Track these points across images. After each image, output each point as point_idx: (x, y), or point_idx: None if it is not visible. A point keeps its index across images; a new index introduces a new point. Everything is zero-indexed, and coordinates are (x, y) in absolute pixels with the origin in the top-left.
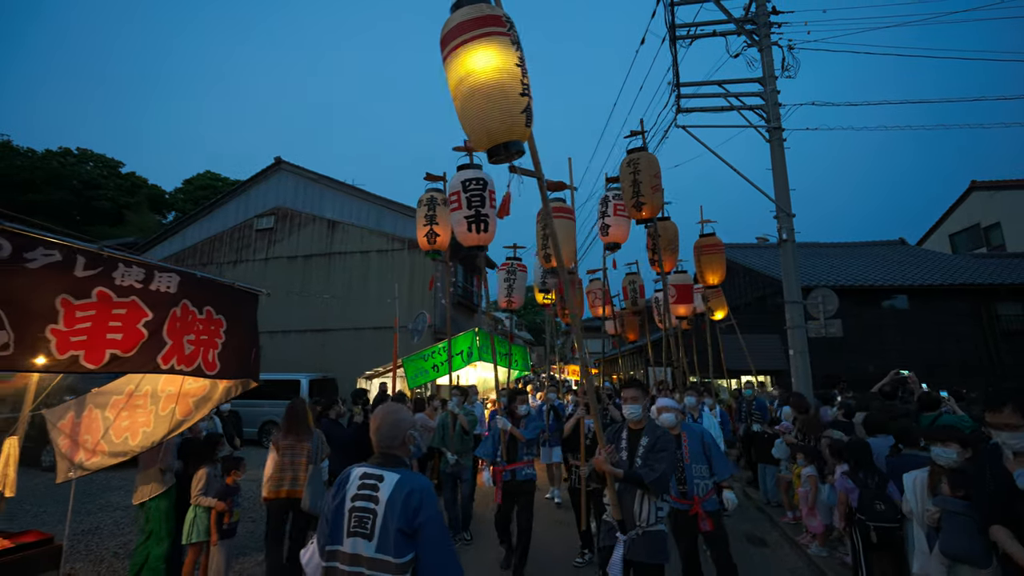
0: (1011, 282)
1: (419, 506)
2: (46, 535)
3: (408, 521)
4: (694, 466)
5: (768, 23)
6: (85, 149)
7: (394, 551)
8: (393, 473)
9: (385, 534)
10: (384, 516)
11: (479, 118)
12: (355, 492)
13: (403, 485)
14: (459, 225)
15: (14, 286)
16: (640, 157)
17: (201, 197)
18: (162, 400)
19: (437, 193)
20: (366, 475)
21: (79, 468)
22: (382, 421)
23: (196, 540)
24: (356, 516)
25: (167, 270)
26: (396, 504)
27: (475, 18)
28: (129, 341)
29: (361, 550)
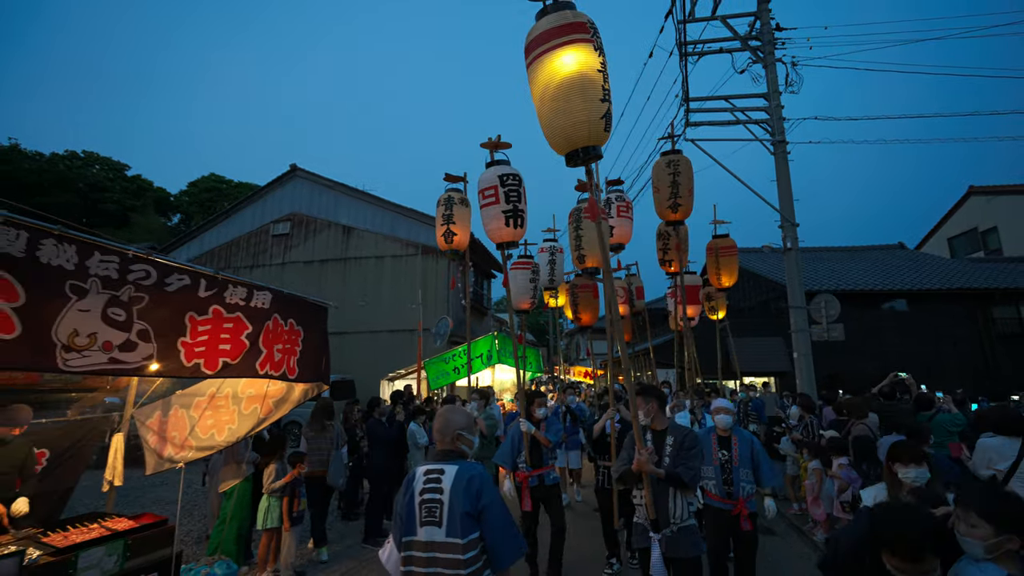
0: (1006, 286)
1: (480, 489)
2: (161, 517)
3: (472, 504)
4: (741, 469)
5: (772, 41)
6: (91, 152)
7: (460, 533)
8: (452, 465)
9: (452, 519)
10: (450, 503)
11: (561, 122)
12: (422, 487)
13: (462, 474)
14: (495, 220)
15: (157, 306)
16: (679, 159)
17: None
18: (244, 401)
19: (455, 193)
20: (429, 471)
21: (168, 461)
22: (439, 421)
23: (269, 526)
24: (426, 507)
25: (262, 288)
26: (459, 491)
27: (560, 25)
28: (236, 350)
29: (434, 536)
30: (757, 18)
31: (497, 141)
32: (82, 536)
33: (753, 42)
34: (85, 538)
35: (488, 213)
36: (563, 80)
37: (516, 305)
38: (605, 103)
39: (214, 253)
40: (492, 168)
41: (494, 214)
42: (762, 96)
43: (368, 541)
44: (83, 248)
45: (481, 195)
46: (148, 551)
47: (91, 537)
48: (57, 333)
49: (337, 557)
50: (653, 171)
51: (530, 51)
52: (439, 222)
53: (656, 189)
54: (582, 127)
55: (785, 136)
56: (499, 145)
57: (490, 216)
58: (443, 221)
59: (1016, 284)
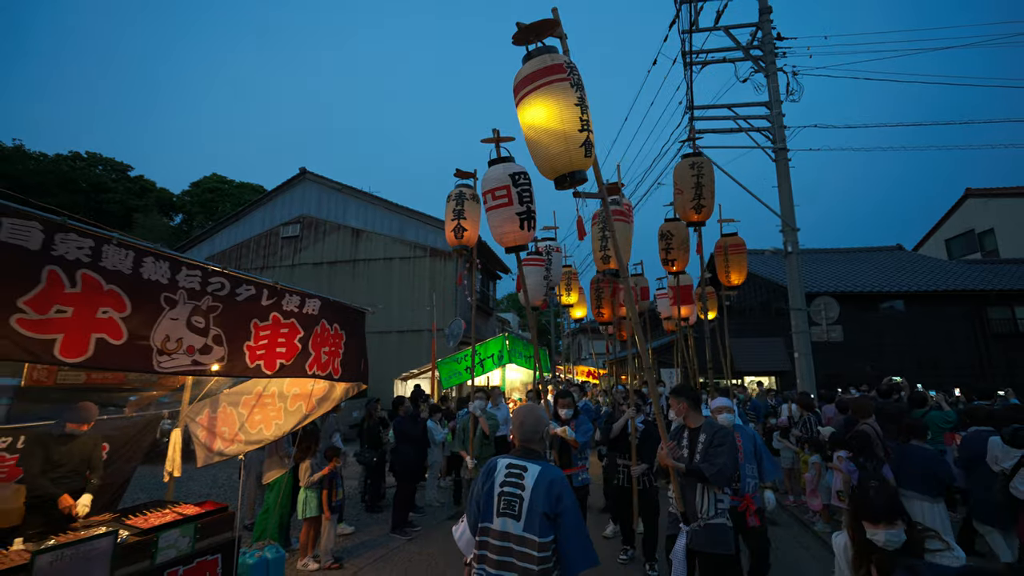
0: (1000, 288)
1: (560, 494)
2: (222, 504)
3: (552, 506)
4: (746, 465)
5: (773, 51)
6: (94, 153)
7: (538, 531)
8: (535, 464)
9: (531, 516)
10: (530, 500)
11: (544, 153)
12: (503, 479)
13: (545, 475)
14: (508, 223)
15: (228, 314)
16: (703, 162)
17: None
18: (289, 398)
19: (466, 189)
20: (512, 465)
21: (218, 454)
22: (525, 419)
23: (308, 516)
24: (505, 499)
25: (312, 296)
26: (540, 491)
27: (539, 69)
28: (290, 353)
29: (510, 528)
30: (759, 28)
31: (498, 136)
32: (159, 519)
33: (755, 51)
34: (162, 521)
35: (499, 215)
36: (543, 116)
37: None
38: (584, 132)
39: (225, 254)
40: (500, 166)
41: (506, 216)
42: (764, 104)
43: (395, 531)
44: (174, 264)
45: (490, 196)
46: (213, 534)
47: (167, 520)
48: (153, 338)
49: (367, 546)
50: (675, 173)
51: (517, 92)
52: (449, 217)
53: (679, 191)
54: (563, 156)
55: (786, 144)
56: (502, 139)
57: (502, 219)
58: (453, 216)
59: (1010, 286)
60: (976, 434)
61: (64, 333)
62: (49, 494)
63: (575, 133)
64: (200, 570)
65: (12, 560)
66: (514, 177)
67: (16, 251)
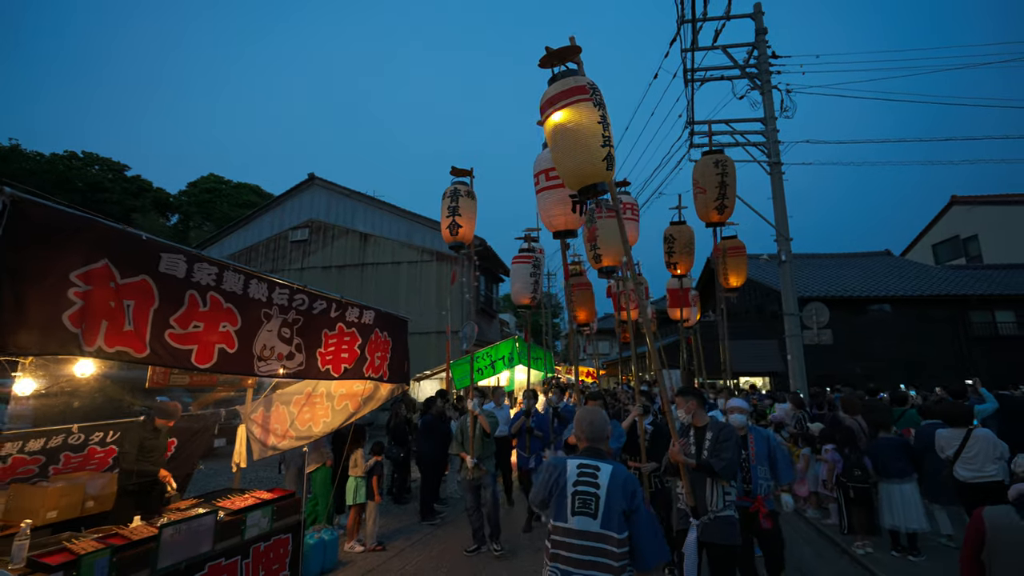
0: (981, 293)
1: (635, 491)
2: (289, 491)
3: (628, 503)
4: (759, 467)
5: (768, 70)
6: (90, 152)
7: (616, 528)
8: (606, 464)
9: (608, 513)
10: (607, 498)
11: (570, 166)
12: (576, 479)
13: (618, 473)
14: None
15: (306, 326)
16: (726, 160)
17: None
18: (336, 398)
19: (462, 186)
20: (583, 465)
21: (272, 449)
22: (593, 420)
23: (357, 502)
24: (580, 499)
25: (368, 308)
26: (617, 489)
27: (564, 90)
28: (351, 358)
29: (588, 527)
30: (755, 47)
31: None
32: (243, 503)
33: (751, 70)
34: (245, 504)
35: (551, 197)
36: (568, 133)
37: (516, 300)
38: (605, 148)
39: (235, 257)
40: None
41: (558, 199)
42: (759, 120)
43: (424, 518)
44: (270, 284)
45: (543, 176)
46: (285, 516)
47: (249, 504)
48: (255, 347)
49: (401, 532)
50: (696, 171)
51: (543, 110)
52: (444, 214)
53: (701, 190)
54: (587, 169)
55: (780, 158)
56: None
57: (553, 201)
58: (448, 213)
59: (991, 291)
60: (927, 427)
61: (198, 344)
62: (147, 472)
63: (598, 148)
64: (276, 547)
65: (142, 533)
66: None
67: (169, 279)
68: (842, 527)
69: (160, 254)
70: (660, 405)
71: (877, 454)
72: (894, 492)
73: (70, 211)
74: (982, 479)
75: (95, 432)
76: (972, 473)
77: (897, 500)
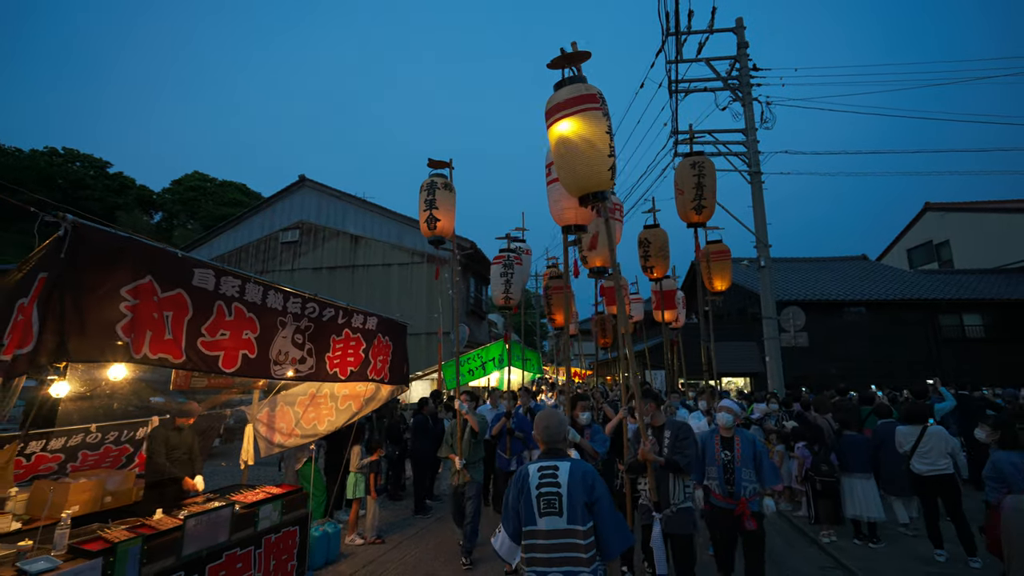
0: (950, 297)
1: (593, 483)
2: (296, 486)
3: (589, 495)
4: (743, 469)
5: (749, 83)
6: (71, 148)
7: (581, 520)
8: (564, 462)
9: (572, 508)
10: (569, 494)
11: (573, 172)
12: (538, 482)
13: (576, 469)
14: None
15: (317, 332)
16: (704, 161)
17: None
18: (339, 399)
19: (438, 178)
20: (543, 467)
21: (278, 446)
22: (549, 422)
23: (356, 496)
24: (544, 500)
25: (371, 314)
26: (577, 483)
27: (574, 96)
28: (357, 361)
29: (555, 525)
30: (736, 60)
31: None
32: (255, 497)
33: (733, 82)
34: (257, 498)
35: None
36: (576, 142)
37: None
38: (611, 158)
39: (224, 258)
40: None
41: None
42: (740, 131)
43: (418, 512)
44: (286, 294)
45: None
46: (293, 509)
47: (261, 498)
48: (271, 352)
49: (398, 526)
50: (676, 174)
51: (550, 115)
52: (421, 208)
53: (680, 191)
54: (592, 177)
55: (760, 168)
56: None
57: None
58: (425, 207)
59: (959, 295)
60: (882, 425)
61: (224, 351)
62: (169, 474)
63: (605, 158)
64: (285, 538)
65: (167, 523)
66: None
67: (201, 292)
68: (811, 518)
69: (193, 269)
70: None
71: (843, 450)
72: (856, 485)
73: (120, 233)
74: (935, 472)
75: (111, 431)
76: (926, 466)
77: (859, 492)
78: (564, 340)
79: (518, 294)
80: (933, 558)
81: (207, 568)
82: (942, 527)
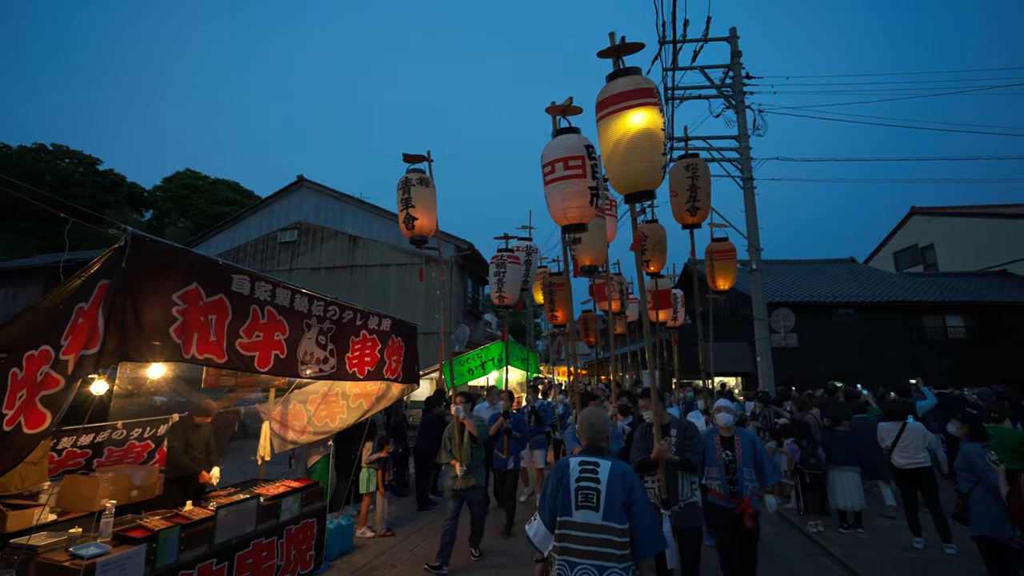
0: (933, 299)
1: (632, 484)
2: (313, 480)
3: (627, 495)
4: (745, 469)
5: (742, 90)
6: (60, 145)
7: (618, 519)
8: (605, 460)
9: (610, 506)
10: (608, 492)
11: (628, 169)
12: (578, 475)
13: (616, 468)
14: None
15: (338, 333)
16: (698, 163)
17: (182, 196)
18: (351, 397)
19: (413, 174)
20: (584, 462)
21: (291, 443)
22: (593, 420)
23: (368, 491)
24: (582, 493)
25: (386, 316)
26: (616, 483)
27: (635, 88)
28: (373, 361)
29: (590, 519)
30: (730, 69)
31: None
32: (277, 490)
33: (726, 90)
34: (279, 491)
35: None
36: (634, 136)
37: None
38: (664, 156)
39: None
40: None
41: (577, 189)
42: (734, 138)
43: (422, 508)
44: (311, 298)
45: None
46: (312, 502)
47: (283, 491)
48: (299, 353)
49: (404, 520)
50: (671, 176)
51: (604, 107)
52: (398, 207)
53: (674, 193)
54: (647, 175)
55: (752, 173)
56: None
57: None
58: (402, 206)
59: (943, 297)
60: (859, 420)
61: (259, 352)
62: (188, 470)
63: (660, 156)
64: (304, 529)
65: (199, 514)
66: (588, 149)
67: (239, 297)
68: (799, 509)
69: (232, 276)
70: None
71: (831, 445)
72: (844, 478)
73: (170, 244)
74: (913, 465)
75: (135, 428)
76: (906, 460)
77: (848, 484)
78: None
79: (515, 292)
80: (912, 545)
81: (236, 556)
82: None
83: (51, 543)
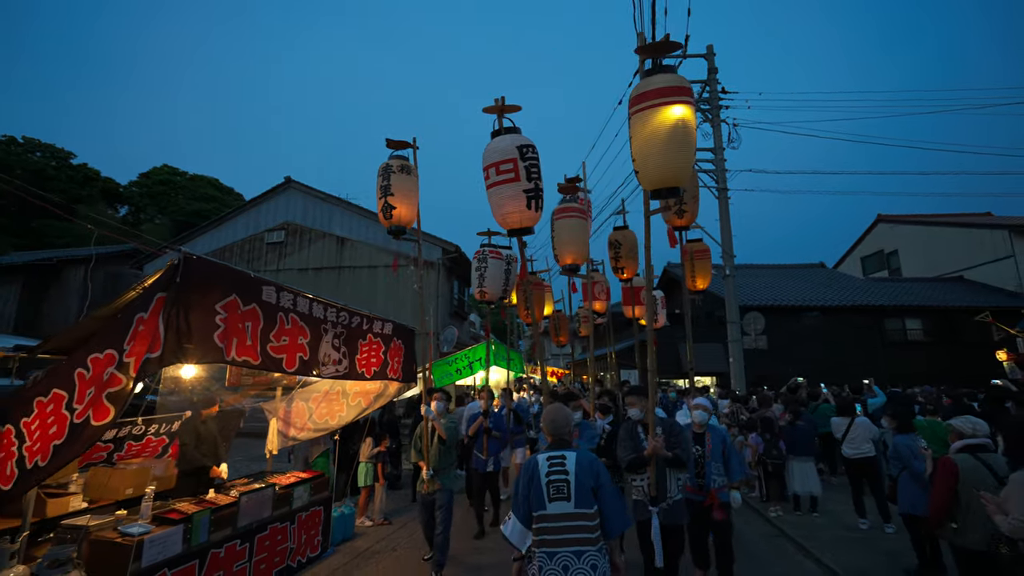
0: (894, 304)
1: (598, 470)
2: (319, 471)
3: (595, 480)
4: (713, 463)
5: (718, 105)
6: (31, 138)
7: (588, 504)
8: (571, 452)
9: (580, 493)
10: (577, 481)
11: (658, 164)
12: (547, 470)
13: (582, 457)
14: (513, 201)
15: (348, 337)
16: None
17: (159, 192)
18: (351, 395)
19: (395, 161)
20: (551, 457)
21: (292, 440)
22: (556, 416)
23: (366, 484)
24: (554, 487)
25: (387, 320)
26: (584, 471)
27: (671, 86)
28: (378, 362)
29: (564, 509)
30: (707, 84)
31: (503, 104)
32: (288, 480)
33: (703, 105)
34: (290, 481)
35: (502, 193)
36: (669, 131)
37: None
38: (694, 155)
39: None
40: (506, 136)
41: (511, 194)
42: (710, 150)
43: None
44: (326, 305)
45: (493, 170)
46: (319, 492)
47: (294, 481)
48: (318, 355)
49: (400, 512)
50: None
51: (639, 101)
52: (377, 195)
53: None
54: (678, 171)
55: (727, 184)
56: (506, 109)
57: (505, 196)
58: (380, 194)
59: (904, 302)
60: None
61: (286, 354)
62: (199, 463)
63: (691, 154)
64: (313, 516)
65: (223, 500)
66: (521, 150)
67: (269, 305)
68: (762, 497)
69: (262, 287)
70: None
71: (793, 437)
72: (802, 467)
73: (213, 261)
74: (859, 455)
75: (152, 424)
76: (853, 451)
77: (807, 472)
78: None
79: (496, 288)
80: (857, 526)
81: (256, 538)
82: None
83: (99, 523)
